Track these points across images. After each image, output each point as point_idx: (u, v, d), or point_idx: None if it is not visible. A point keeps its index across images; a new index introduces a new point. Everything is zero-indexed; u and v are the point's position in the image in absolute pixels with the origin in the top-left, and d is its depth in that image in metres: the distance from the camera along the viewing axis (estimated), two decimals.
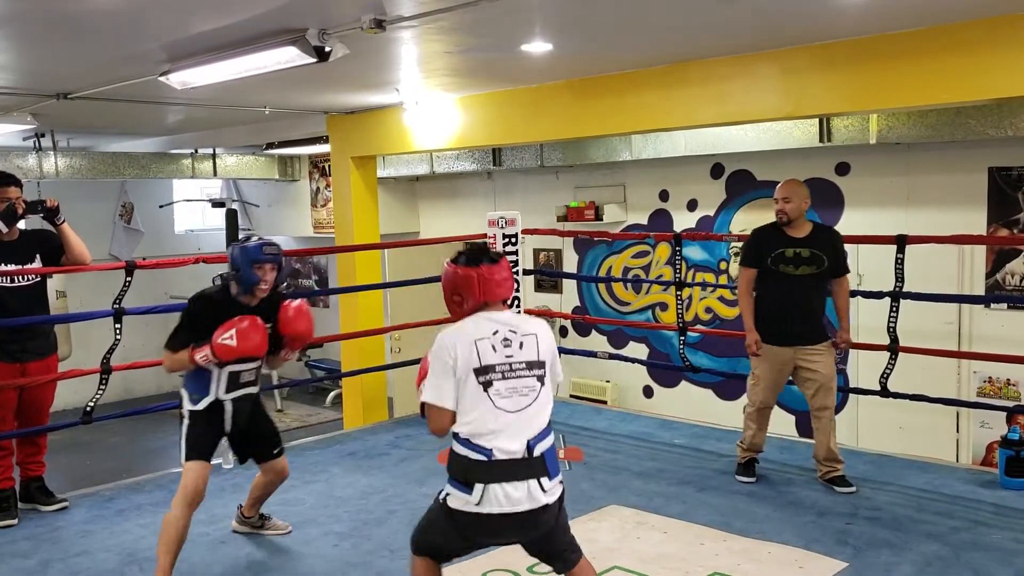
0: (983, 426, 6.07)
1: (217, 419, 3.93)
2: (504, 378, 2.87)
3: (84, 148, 9.45)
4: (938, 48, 4.28)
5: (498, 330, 2.92)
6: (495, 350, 2.89)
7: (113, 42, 4.27)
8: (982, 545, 4.02)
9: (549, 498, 2.88)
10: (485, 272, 2.96)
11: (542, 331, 3.02)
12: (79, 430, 5.53)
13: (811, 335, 4.71)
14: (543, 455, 2.89)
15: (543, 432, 2.93)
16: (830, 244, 4.70)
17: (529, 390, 2.91)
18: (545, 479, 2.87)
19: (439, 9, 3.71)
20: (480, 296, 2.96)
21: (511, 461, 2.83)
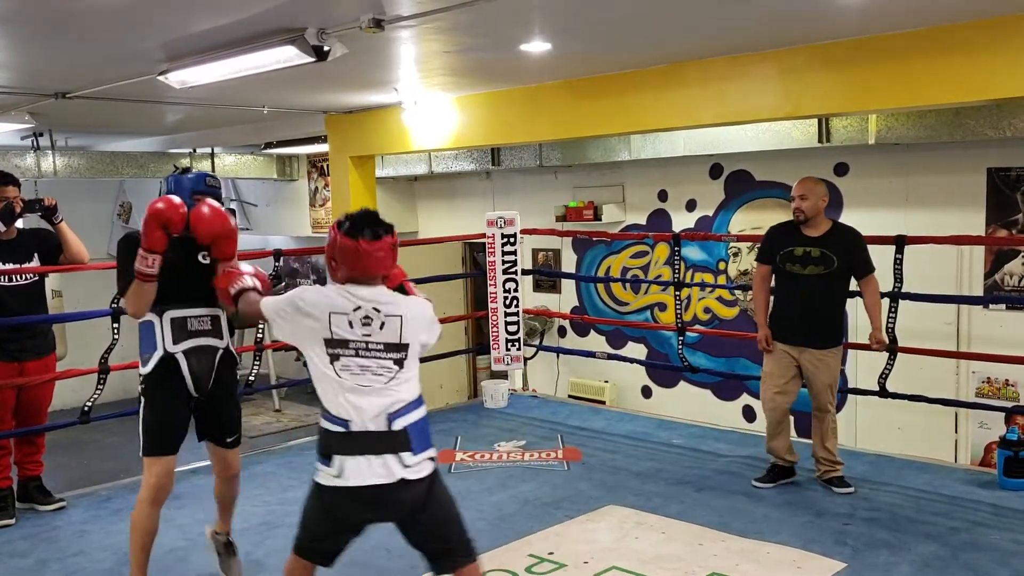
0: (982, 426, 6.07)
1: (174, 383, 3.42)
2: (357, 355, 2.83)
3: (82, 147, 9.44)
4: (937, 49, 4.28)
5: (361, 306, 2.87)
6: (352, 326, 2.85)
7: (112, 41, 4.26)
8: (980, 545, 4.02)
9: (411, 474, 2.81)
10: (364, 247, 2.88)
11: (411, 313, 2.94)
12: (77, 430, 5.52)
13: (815, 337, 4.66)
14: (406, 429, 2.82)
15: (408, 406, 2.85)
16: (844, 244, 4.62)
17: (384, 370, 2.85)
18: (406, 454, 2.80)
19: (438, 9, 3.70)
20: (351, 270, 2.90)
21: (369, 433, 2.80)
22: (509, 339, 6.82)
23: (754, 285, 4.97)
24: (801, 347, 4.69)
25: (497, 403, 6.86)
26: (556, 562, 3.95)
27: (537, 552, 4.04)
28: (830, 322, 4.71)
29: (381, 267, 2.93)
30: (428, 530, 2.96)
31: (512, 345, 6.83)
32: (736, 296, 7.39)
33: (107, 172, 9.57)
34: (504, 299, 6.80)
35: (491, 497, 4.81)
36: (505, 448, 5.72)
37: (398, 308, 2.91)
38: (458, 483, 5.07)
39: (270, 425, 9.96)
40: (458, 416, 6.68)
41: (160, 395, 3.45)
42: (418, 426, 2.87)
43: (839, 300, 4.72)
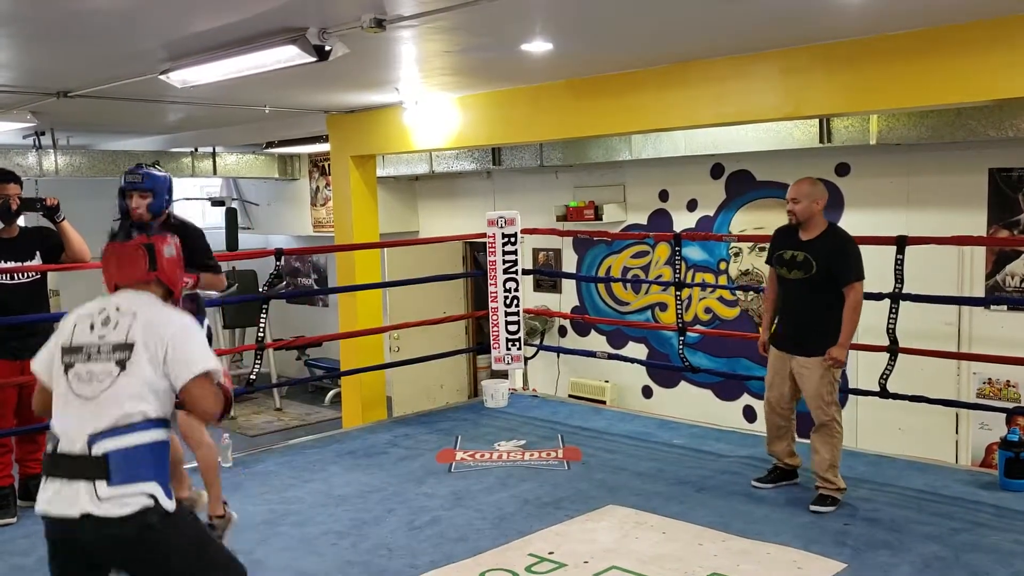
0: (982, 427, 6.07)
1: None
2: (88, 360, 2.56)
3: (84, 146, 9.45)
4: (938, 49, 4.28)
5: (105, 308, 2.64)
6: (92, 329, 2.61)
7: (113, 40, 4.27)
8: (981, 546, 4.01)
9: (99, 509, 2.39)
10: (109, 250, 2.74)
11: (148, 314, 2.62)
12: None
13: (799, 344, 4.51)
14: (106, 456, 2.43)
15: (118, 428, 2.47)
16: (828, 250, 4.41)
17: (106, 375, 2.53)
18: (101, 483, 2.40)
19: (439, 8, 3.70)
20: (105, 277, 2.73)
21: (66, 456, 2.46)
22: (509, 339, 6.82)
23: (765, 287, 4.91)
24: (790, 354, 4.57)
25: (497, 403, 6.86)
26: (556, 562, 3.95)
27: (537, 552, 4.04)
28: (813, 329, 4.47)
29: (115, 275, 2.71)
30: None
31: (512, 345, 6.83)
32: (737, 296, 7.39)
33: (109, 171, 9.57)
34: (505, 299, 6.80)
35: (491, 496, 4.81)
36: (505, 448, 5.73)
37: (137, 307, 2.63)
38: (458, 482, 5.08)
39: (271, 424, 9.97)
40: (458, 415, 6.68)
41: None
42: (129, 454, 2.46)
43: (822, 307, 4.45)
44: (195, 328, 2.70)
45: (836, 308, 4.41)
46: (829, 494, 4.50)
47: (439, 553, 4.07)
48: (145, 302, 2.67)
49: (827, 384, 4.48)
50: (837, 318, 4.40)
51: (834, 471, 4.50)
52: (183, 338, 2.61)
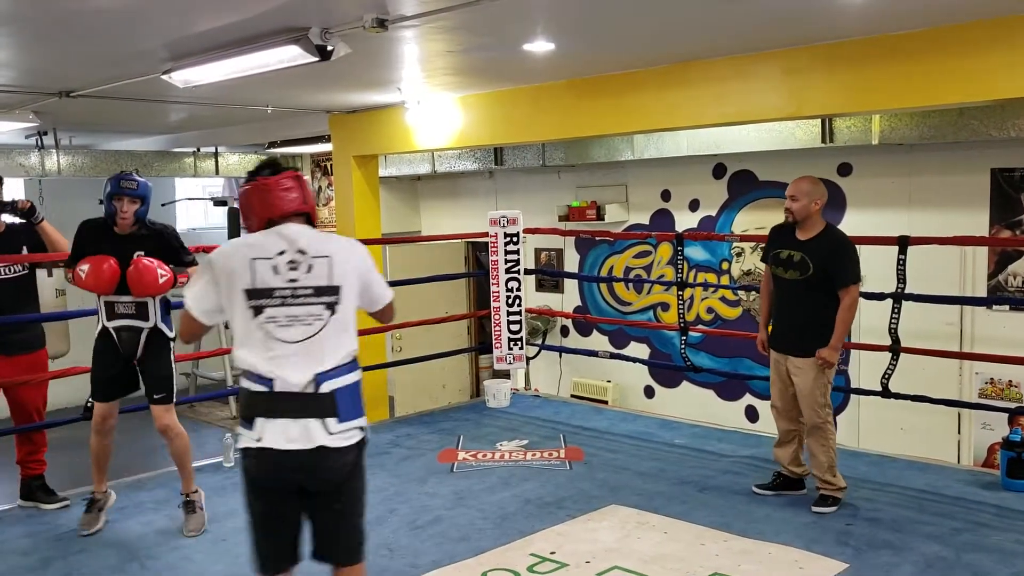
0: (984, 427, 6.07)
1: (110, 347, 4.33)
2: (284, 304, 2.62)
3: (86, 146, 9.46)
4: (941, 49, 4.28)
5: (285, 250, 2.66)
6: (276, 272, 2.64)
7: (116, 40, 4.27)
8: (983, 546, 4.01)
9: (333, 441, 2.62)
10: (261, 183, 2.72)
11: (341, 253, 2.74)
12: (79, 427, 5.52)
13: (794, 345, 4.47)
14: (333, 393, 2.64)
15: (338, 369, 2.68)
16: (825, 251, 4.36)
17: (314, 319, 2.65)
18: (332, 420, 2.62)
19: (441, 8, 3.70)
20: (260, 210, 2.72)
21: (292, 395, 2.60)
22: (511, 338, 6.83)
23: (761, 286, 4.84)
24: (785, 355, 4.53)
25: (499, 402, 6.86)
26: (558, 561, 3.95)
27: (539, 551, 4.04)
28: (807, 331, 4.42)
29: (287, 201, 2.72)
30: (336, 513, 2.74)
31: (514, 344, 6.84)
32: (739, 296, 7.39)
33: (111, 171, 9.52)
34: (507, 298, 6.80)
35: (493, 496, 4.82)
36: (507, 447, 5.73)
37: (327, 247, 2.71)
38: (460, 482, 5.08)
39: None
40: (460, 415, 6.68)
41: (99, 353, 4.38)
42: (348, 391, 2.70)
43: (818, 308, 4.39)
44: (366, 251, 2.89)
45: (831, 309, 4.37)
46: (830, 494, 4.48)
47: (441, 553, 4.07)
48: (322, 239, 2.73)
49: (820, 385, 4.43)
50: (832, 319, 4.36)
51: (832, 471, 4.48)
52: (368, 266, 2.84)
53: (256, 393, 2.63)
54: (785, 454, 4.70)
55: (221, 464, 5.54)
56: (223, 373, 10.45)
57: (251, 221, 2.76)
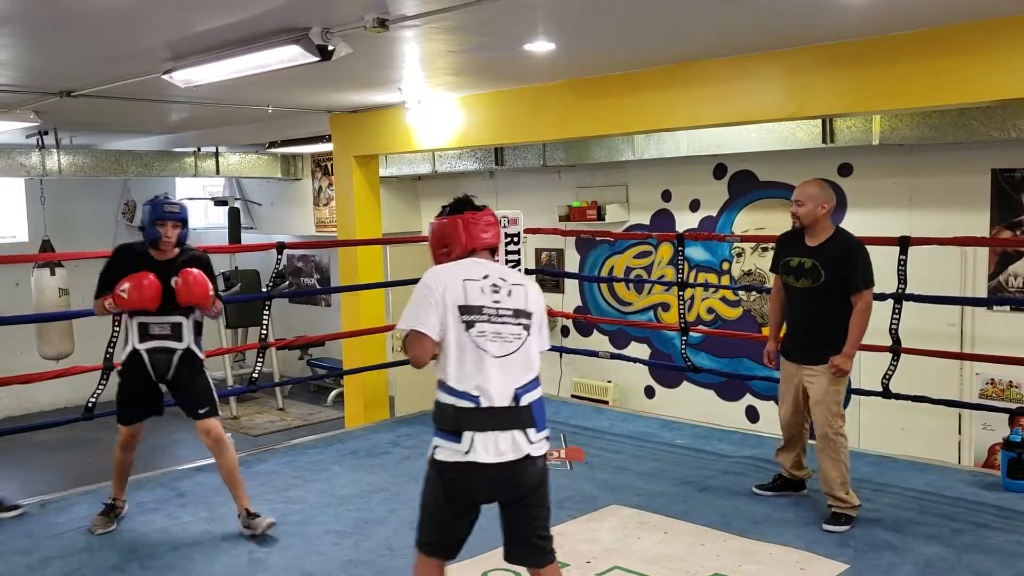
0: (985, 428, 6.07)
1: (140, 369, 4.27)
2: (490, 321, 2.88)
3: (87, 146, 9.46)
4: (941, 49, 4.27)
5: (488, 275, 2.95)
6: (483, 292, 2.91)
7: (116, 40, 4.27)
8: (984, 547, 4.01)
9: (534, 450, 2.88)
10: (469, 217, 3.02)
11: (531, 286, 3.05)
12: (80, 427, 5.54)
13: (808, 354, 4.35)
14: (530, 406, 2.89)
15: (531, 383, 2.92)
16: (835, 257, 4.25)
17: (515, 337, 2.91)
18: (531, 430, 2.87)
19: (442, 8, 3.70)
20: (467, 242, 3.01)
21: (498, 409, 2.83)
22: None
23: (771, 296, 4.71)
24: (798, 364, 4.42)
25: None
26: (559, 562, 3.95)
27: None
28: (822, 338, 4.31)
29: (490, 236, 3.05)
30: (532, 515, 2.98)
31: None
32: (740, 296, 7.39)
33: (112, 171, 9.59)
34: None
35: None
36: None
37: (520, 279, 3.04)
38: None
39: (273, 424, 9.98)
40: None
41: (127, 376, 4.33)
42: (539, 403, 2.93)
43: (832, 315, 4.28)
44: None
45: (845, 315, 4.25)
46: (843, 512, 4.30)
47: None
48: (513, 272, 3.09)
49: (833, 393, 4.32)
50: (846, 326, 4.25)
51: (845, 488, 4.30)
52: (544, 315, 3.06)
53: (462, 409, 2.84)
54: (787, 459, 4.66)
55: None
56: (223, 373, 10.45)
57: (453, 249, 3.03)
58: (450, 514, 2.97)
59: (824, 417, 4.33)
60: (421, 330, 2.87)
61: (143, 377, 4.29)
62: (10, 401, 10.50)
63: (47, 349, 8.97)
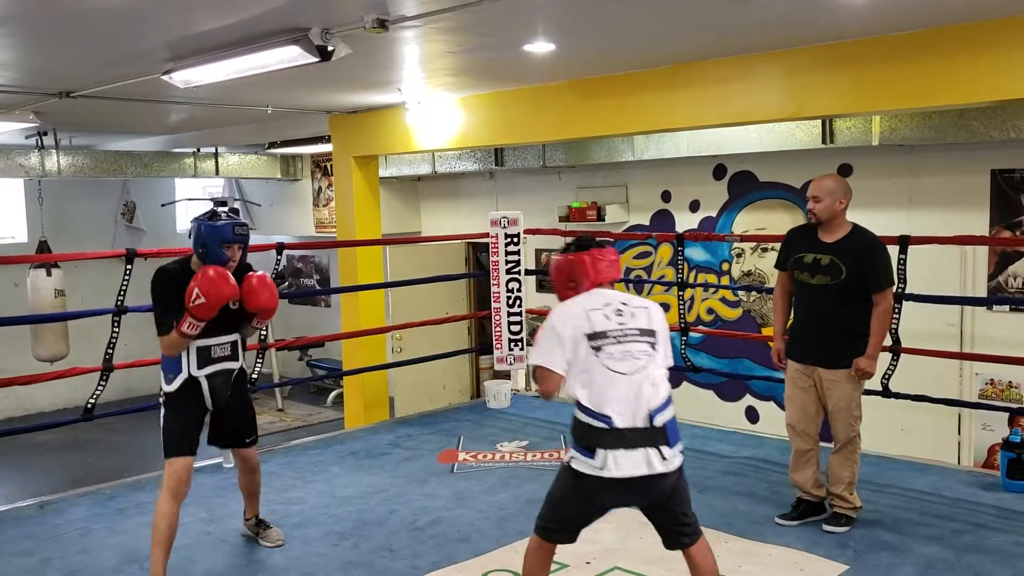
0: (985, 428, 6.06)
1: (194, 399, 3.85)
2: (617, 342, 3.05)
3: (86, 146, 9.46)
4: (941, 50, 4.28)
5: (610, 302, 3.14)
6: (608, 318, 3.10)
7: (116, 40, 4.27)
8: (983, 548, 4.01)
9: (667, 467, 3.01)
10: (596, 254, 3.22)
11: (654, 307, 3.22)
12: (80, 428, 5.54)
13: (826, 356, 4.17)
14: (664, 426, 3.01)
15: (665, 404, 3.04)
16: (856, 253, 4.12)
17: (642, 353, 3.06)
18: (665, 447, 3.00)
19: (442, 9, 3.70)
20: (593, 276, 3.21)
21: (632, 430, 2.98)
22: (512, 339, 6.82)
23: (773, 293, 4.54)
24: (813, 366, 4.23)
25: (500, 403, 6.86)
26: (558, 562, 3.94)
27: None
28: (843, 339, 4.14)
29: (614, 270, 3.26)
30: (668, 510, 3.16)
31: (515, 345, 6.83)
32: (739, 297, 7.39)
33: (111, 171, 9.59)
34: (507, 299, 6.80)
35: (493, 497, 4.81)
36: (508, 448, 5.73)
37: (642, 302, 3.22)
38: (461, 483, 5.08)
39: (273, 424, 9.98)
40: (461, 416, 6.68)
41: (179, 407, 3.85)
42: (673, 421, 3.05)
43: (852, 314, 4.13)
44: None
45: (865, 315, 4.12)
46: (844, 513, 4.24)
47: (441, 554, 4.07)
48: (636, 298, 3.26)
49: (856, 398, 4.20)
50: (865, 325, 4.12)
51: (851, 489, 4.24)
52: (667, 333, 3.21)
53: (596, 429, 2.99)
54: (805, 478, 4.34)
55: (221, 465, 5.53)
56: None
57: (581, 284, 3.20)
58: (579, 512, 3.18)
59: (847, 422, 4.20)
60: (549, 367, 3.07)
61: (199, 406, 3.88)
62: (9, 402, 10.50)
63: (42, 351, 8.91)
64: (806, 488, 4.35)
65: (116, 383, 5.64)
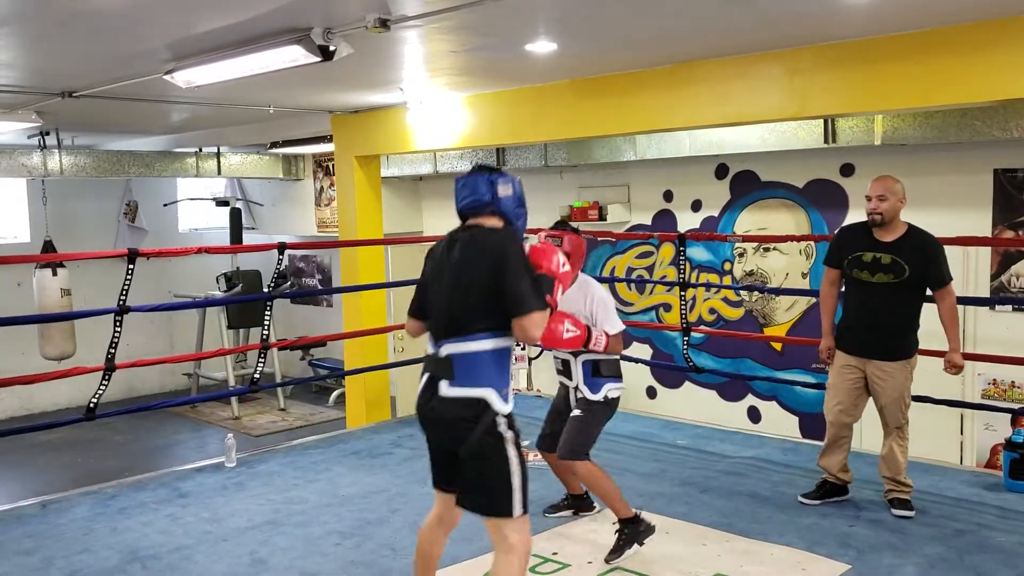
0: (987, 428, 6.06)
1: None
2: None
3: (89, 146, 9.47)
4: (944, 49, 4.27)
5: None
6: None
7: (118, 41, 4.27)
8: (986, 547, 4.01)
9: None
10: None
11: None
12: (82, 428, 5.54)
13: (883, 350, 4.35)
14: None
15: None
16: (918, 252, 4.29)
17: None
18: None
19: (444, 8, 3.70)
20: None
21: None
22: None
23: (821, 290, 4.68)
24: (866, 359, 4.39)
25: None
26: (560, 562, 3.95)
27: (541, 552, 4.04)
28: (900, 333, 4.35)
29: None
30: None
31: (517, 345, 6.81)
32: (741, 297, 7.38)
33: (113, 171, 9.60)
34: None
35: None
36: None
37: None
38: None
39: (275, 424, 9.98)
40: None
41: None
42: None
43: (910, 310, 4.34)
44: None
45: (916, 309, 4.37)
46: (908, 497, 4.45)
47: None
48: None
49: (907, 388, 4.41)
50: (915, 319, 4.37)
51: (904, 472, 4.48)
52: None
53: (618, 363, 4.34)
54: (835, 462, 4.57)
55: (223, 464, 5.54)
56: (224, 373, 10.46)
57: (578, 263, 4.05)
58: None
59: (899, 410, 4.41)
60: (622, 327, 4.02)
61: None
62: (12, 402, 10.51)
63: (49, 349, 8.98)
64: (834, 471, 4.58)
65: (119, 383, 5.66)
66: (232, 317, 10.66)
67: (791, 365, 6.92)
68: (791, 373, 6.55)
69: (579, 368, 4.13)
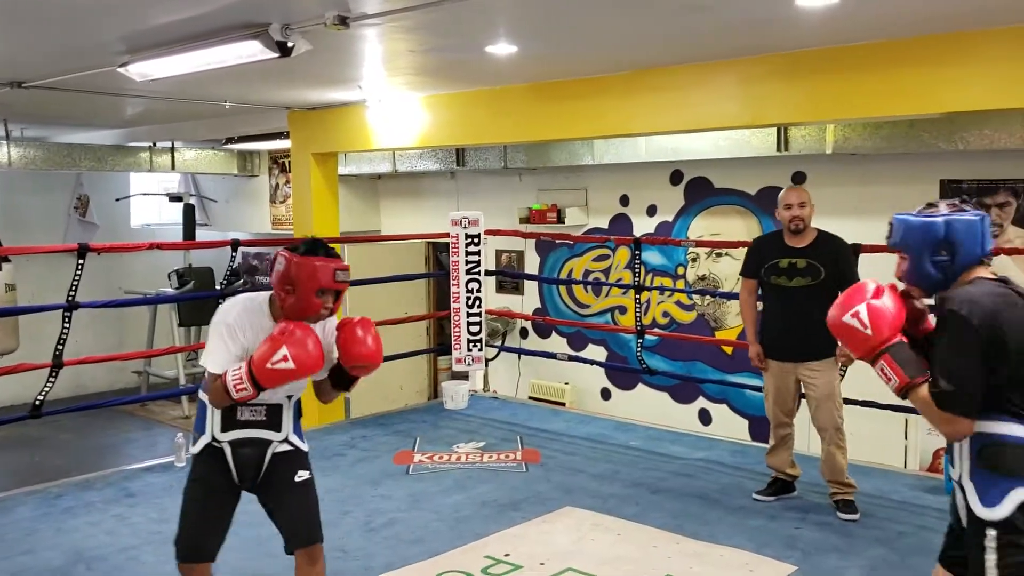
0: (930, 433, 6.19)
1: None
2: None
3: (39, 138, 9.26)
4: (894, 62, 4.38)
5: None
6: None
7: (71, 31, 4.20)
8: (927, 549, 4.09)
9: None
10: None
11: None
12: (27, 425, 5.42)
13: (810, 351, 4.48)
14: None
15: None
16: (831, 254, 4.46)
17: None
18: None
19: (404, 8, 3.70)
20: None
21: None
22: (471, 340, 6.83)
23: (740, 300, 4.79)
24: (796, 362, 4.55)
25: (457, 404, 6.85)
26: (512, 563, 3.97)
27: (493, 553, 4.05)
28: (823, 332, 4.47)
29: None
30: None
31: (474, 346, 6.84)
32: (694, 300, 7.47)
33: (64, 164, 9.40)
34: (467, 299, 6.80)
35: (448, 499, 4.81)
36: (464, 449, 5.73)
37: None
38: (416, 484, 5.07)
39: None
40: (417, 417, 6.66)
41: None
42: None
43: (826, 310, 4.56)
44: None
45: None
46: (852, 498, 4.56)
47: (395, 555, 4.06)
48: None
49: (838, 385, 4.57)
50: None
51: (846, 474, 4.61)
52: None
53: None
54: (782, 459, 4.75)
55: (172, 464, 5.46)
56: (175, 371, 10.30)
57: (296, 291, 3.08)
58: None
59: (833, 409, 4.55)
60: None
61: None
62: None
63: None
64: (783, 469, 4.76)
65: (66, 380, 5.54)
66: (184, 315, 10.48)
67: (741, 368, 7.02)
68: (741, 376, 6.64)
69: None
